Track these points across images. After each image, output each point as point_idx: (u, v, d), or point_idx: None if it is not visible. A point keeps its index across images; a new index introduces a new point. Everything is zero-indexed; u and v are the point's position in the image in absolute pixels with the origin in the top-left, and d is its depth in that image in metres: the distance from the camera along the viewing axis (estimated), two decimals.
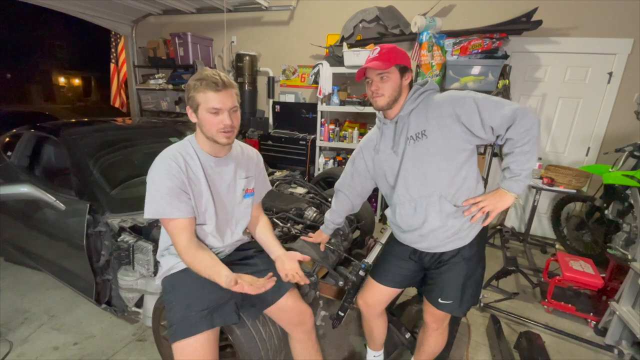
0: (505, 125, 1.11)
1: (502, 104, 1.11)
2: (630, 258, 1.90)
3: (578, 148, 3.31)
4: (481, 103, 1.11)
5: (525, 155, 1.12)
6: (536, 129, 1.10)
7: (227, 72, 4.52)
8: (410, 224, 1.26)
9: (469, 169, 1.20)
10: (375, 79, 1.18)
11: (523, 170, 1.13)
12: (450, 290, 1.26)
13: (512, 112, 1.08)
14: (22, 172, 2.21)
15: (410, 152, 1.20)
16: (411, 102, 1.20)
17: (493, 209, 1.19)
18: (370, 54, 1.20)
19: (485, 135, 1.14)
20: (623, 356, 1.85)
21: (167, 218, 1.15)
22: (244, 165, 1.35)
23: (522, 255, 3.11)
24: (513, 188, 1.16)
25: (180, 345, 1.13)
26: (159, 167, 1.15)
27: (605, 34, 2.99)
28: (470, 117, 1.11)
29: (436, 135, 1.15)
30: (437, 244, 1.25)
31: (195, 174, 1.21)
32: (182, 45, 4.32)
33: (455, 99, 1.14)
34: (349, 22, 3.65)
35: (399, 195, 1.27)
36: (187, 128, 2.70)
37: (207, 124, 1.13)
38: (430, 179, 1.18)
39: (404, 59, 1.18)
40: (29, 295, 2.28)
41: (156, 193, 1.13)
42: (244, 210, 1.38)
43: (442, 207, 1.19)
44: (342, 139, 3.78)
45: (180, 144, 1.23)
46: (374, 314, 1.48)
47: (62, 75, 16.07)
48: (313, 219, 1.98)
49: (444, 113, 1.14)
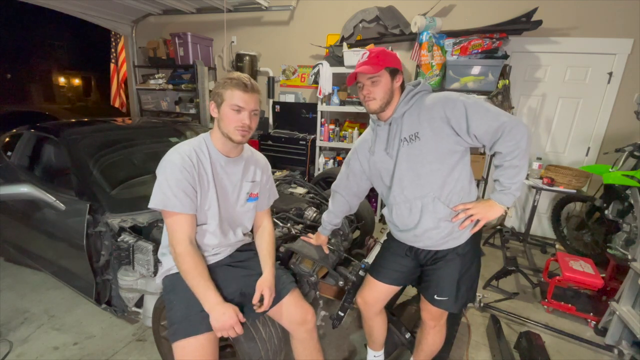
0: (489, 137, 1.11)
1: (491, 114, 1.10)
2: (630, 258, 1.90)
3: (578, 148, 3.31)
4: (470, 109, 1.10)
5: (515, 169, 1.13)
6: (524, 141, 1.10)
7: (227, 72, 4.53)
8: (406, 223, 1.28)
9: (462, 170, 1.21)
10: (366, 83, 1.18)
11: (513, 184, 1.15)
12: (445, 287, 1.27)
13: (499, 125, 1.09)
14: (22, 172, 2.21)
15: (405, 154, 1.21)
16: (404, 104, 1.20)
17: (482, 217, 1.21)
18: (360, 58, 1.19)
19: (470, 142, 1.15)
20: (623, 356, 1.85)
21: (170, 211, 1.15)
22: (251, 169, 1.37)
23: (522, 255, 3.11)
24: (503, 200, 1.19)
25: (181, 345, 1.13)
26: (173, 159, 1.17)
27: (605, 34, 2.99)
28: (459, 121, 1.11)
29: (428, 137, 1.16)
30: (432, 243, 1.26)
31: (205, 170, 1.22)
32: (182, 45, 4.32)
33: (447, 101, 1.14)
34: (349, 22, 3.65)
35: (394, 196, 1.28)
36: (187, 128, 2.70)
37: (227, 119, 1.17)
38: (424, 180, 1.19)
39: (393, 61, 1.18)
40: (29, 295, 2.28)
41: (165, 183, 1.14)
42: (246, 213, 1.40)
43: (436, 208, 1.20)
44: (342, 139, 3.78)
45: (194, 140, 1.25)
46: (373, 312, 1.49)
47: (62, 75, 16.05)
48: (313, 219, 1.99)
49: (435, 115, 1.14)
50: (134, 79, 5.09)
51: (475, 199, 1.27)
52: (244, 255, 1.43)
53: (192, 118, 4.47)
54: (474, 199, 1.26)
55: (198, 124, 3.41)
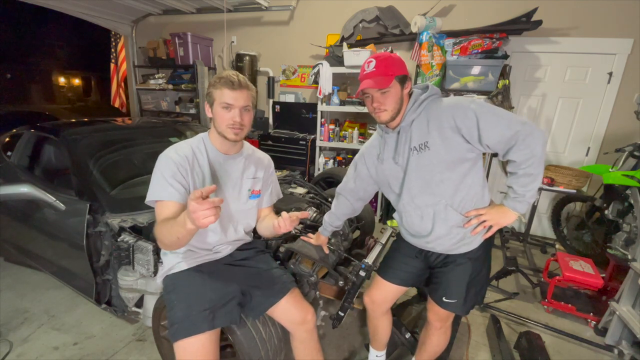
0: (502, 146, 1.08)
1: (504, 122, 1.06)
2: (630, 258, 1.90)
3: (578, 148, 3.31)
4: (482, 117, 1.06)
5: (530, 177, 1.10)
6: (540, 149, 1.05)
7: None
8: (417, 230, 1.27)
9: (474, 175, 1.18)
10: (375, 94, 1.14)
11: (527, 192, 1.12)
12: (454, 290, 1.26)
13: (512, 135, 1.05)
14: (22, 172, 2.21)
15: (414, 163, 1.18)
16: (412, 112, 1.16)
17: (495, 223, 1.19)
18: (366, 67, 1.13)
19: (482, 149, 1.12)
20: (623, 356, 1.85)
21: (157, 200, 1.16)
22: (252, 166, 1.38)
23: (522, 255, 3.11)
24: (517, 208, 1.16)
25: (182, 345, 1.13)
26: (167, 153, 1.20)
27: (605, 34, 2.98)
28: (470, 131, 1.08)
29: (438, 147, 1.12)
30: (444, 249, 1.26)
31: (201, 167, 1.23)
32: (182, 45, 4.32)
33: (457, 109, 1.10)
34: (349, 22, 3.65)
35: (404, 204, 1.27)
36: (187, 128, 2.69)
37: (219, 118, 1.19)
38: (435, 189, 1.17)
39: (402, 68, 1.13)
40: (29, 295, 2.28)
41: (154, 177, 1.17)
42: (249, 211, 1.40)
43: (448, 215, 1.19)
44: (342, 139, 3.78)
45: (193, 139, 1.28)
46: (380, 311, 1.49)
47: (62, 75, 16.04)
48: (313, 219, 1.98)
49: (445, 125, 1.10)
50: (134, 79, 5.09)
51: (489, 203, 1.24)
52: (244, 254, 1.43)
53: (192, 118, 4.47)
54: (487, 204, 1.23)
55: (198, 124, 3.41)
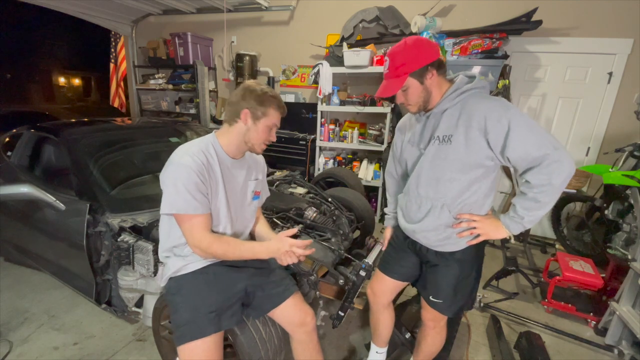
0: (524, 163, 1.04)
1: (537, 140, 1.00)
2: (630, 258, 1.90)
3: (578, 148, 3.31)
4: (515, 129, 1.00)
5: (537, 203, 1.05)
6: (561, 180, 1.00)
7: (227, 72, 4.53)
8: (411, 217, 1.29)
9: (483, 184, 1.15)
10: (397, 93, 1.16)
11: (528, 216, 1.08)
12: (441, 290, 1.28)
13: (540, 156, 1.00)
14: (22, 172, 2.21)
15: (431, 153, 1.17)
16: (448, 101, 1.12)
17: (483, 234, 1.18)
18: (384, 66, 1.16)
19: (502, 161, 1.09)
20: (623, 356, 1.85)
21: (190, 214, 1.12)
22: (253, 168, 1.39)
23: (522, 255, 3.11)
24: (511, 227, 1.13)
25: (188, 348, 1.13)
26: (186, 162, 1.11)
27: (605, 34, 2.98)
28: (497, 138, 1.04)
29: (460, 144, 1.09)
30: (427, 243, 1.27)
31: (215, 173, 1.20)
32: (182, 45, 4.32)
33: (492, 111, 1.04)
34: (349, 22, 3.65)
35: (409, 187, 1.29)
36: (187, 128, 2.69)
37: (259, 134, 1.21)
38: (441, 186, 1.17)
39: (416, 61, 1.09)
40: (29, 295, 2.28)
41: (182, 188, 1.09)
42: (252, 212, 1.41)
43: (441, 215, 1.19)
44: (342, 139, 3.78)
45: (200, 142, 1.21)
46: (381, 304, 1.50)
47: (62, 75, 16.04)
48: (313, 219, 1.98)
49: (474, 124, 1.06)
50: (134, 79, 5.09)
51: (485, 213, 1.21)
52: None
53: (192, 118, 4.47)
54: (483, 214, 1.21)
55: (198, 124, 3.41)
